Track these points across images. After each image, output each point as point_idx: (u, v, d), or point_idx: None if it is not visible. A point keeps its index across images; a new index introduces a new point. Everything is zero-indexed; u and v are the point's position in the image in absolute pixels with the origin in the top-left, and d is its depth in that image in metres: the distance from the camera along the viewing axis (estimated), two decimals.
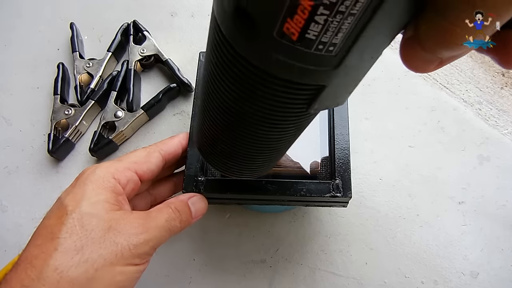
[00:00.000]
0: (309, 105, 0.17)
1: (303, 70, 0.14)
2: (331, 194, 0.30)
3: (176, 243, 0.39)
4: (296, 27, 0.12)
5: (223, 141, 0.22)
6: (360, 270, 0.38)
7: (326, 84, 0.15)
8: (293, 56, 0.14)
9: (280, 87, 0.16)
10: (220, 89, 0.18)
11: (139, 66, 0.47)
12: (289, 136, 0.21)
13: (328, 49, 0.13)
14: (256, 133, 0.19)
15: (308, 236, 0.39)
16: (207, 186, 0.31)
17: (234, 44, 0.15)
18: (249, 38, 0.14)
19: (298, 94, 0.16)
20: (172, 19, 0.51)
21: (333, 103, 0.18)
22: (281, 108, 0.17)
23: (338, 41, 0.13)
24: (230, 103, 0.18)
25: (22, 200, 0.42)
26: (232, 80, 0.17)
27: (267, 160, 0.24)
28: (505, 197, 0.40)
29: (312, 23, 0.12)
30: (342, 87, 0.17)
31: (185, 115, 0.46)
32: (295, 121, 0.19)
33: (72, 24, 0.49)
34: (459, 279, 0.37)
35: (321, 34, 0.12)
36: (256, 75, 0.15)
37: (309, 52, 0.13)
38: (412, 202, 0.40)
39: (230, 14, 0.14)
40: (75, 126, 0.43)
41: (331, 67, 0.14)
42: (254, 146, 0.21)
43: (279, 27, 0.13)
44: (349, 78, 0.16)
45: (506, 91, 0.46)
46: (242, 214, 0.40)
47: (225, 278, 0.38)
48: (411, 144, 0.43)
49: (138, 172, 0.29)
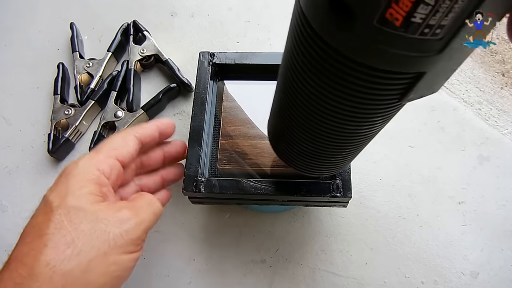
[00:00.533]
0: (404, 95, 0.16)
1: (404, 58, 0.13)
2: (331, 194, 0.30)
3: (176, 243, 0.39)
4: (402, 12, 0.11)
5: (306, 140, 0.21)
6: (360, 270, 0.38)
7: (427, 70, 0.14)
8: (394, 43, 0.12)
9: (376, 78, 0.14)
10: (308, 88, 0.17)
11: (139, 66, 0.47)
12: (375, 129, 0.20)
13: (435, 32, 0.12)
14: (343, 129, 0.18)
15: (308, 236, 0.39)
16: (207, 186, 0.31)
17: (326, 37, 0.14)
18: (345, 29, 0.13)
19: (395, 84, 0.15)
20: (172, 19, 0.51)
21: (428, 91, 0.16)
22: (373, 101, 0.16)
23: (447, 22, 0.12)
24: (319, 101, 0.17)
25: (22, 200, 0.42)
26: (324, 77, 0.16)
27: (347, 157, 0.23)
28: (505, 197, 0.40)
29: (421, 4, 0.11)
30: (443, 72, 0.15)
31: (185, 115, 0.46)
32: (384, 114, 0.17)
33: (72, 24, 0.49)
34: (459, 279, 0.37)
35: (429, 16, 0.11)
36: (352, 68, 0.14)
37: (412, 38, 0.12)
38: (412, 202, 0.40)
39: (324, 6, 0.13)
40: (75, 126, 0.43)
41: (435, 51, 0.13)
42: (337, 143, 0.20)
43: (381, 14, 0.12)
44: (452, 62, 0.15)
45: (506, 91, 0.46)
46: (242, 214, 0.40)
47: (225, 278, 0.38)
48: (411, 144, 0.43)
49: (119, 158, 0.29)
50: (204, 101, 0.35)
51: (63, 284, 0.22)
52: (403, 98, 0.16)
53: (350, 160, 0.26)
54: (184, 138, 0.44)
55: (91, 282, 0.23)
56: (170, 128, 0.33)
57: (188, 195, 0.32)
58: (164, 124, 0.33)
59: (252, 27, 0.50)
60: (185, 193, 0.32)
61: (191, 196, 0.32)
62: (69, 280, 0.22)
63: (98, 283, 0.23)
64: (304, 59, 0.16)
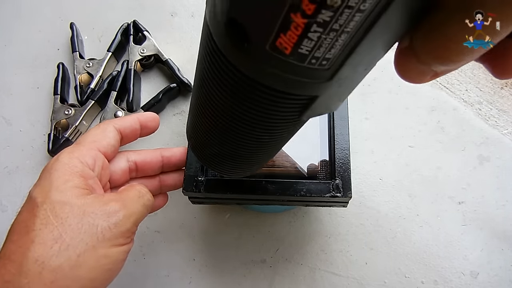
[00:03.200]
0: (302, 112, 0.17)
1: (296, 82, 0.14)
2: (331, 194, 0.30)
3: (176, 243, 0.39)
4: (289, 42, 0.12)
5: (214, 143, 0.22)
6: (360, 270, 0.38)
7: (319, 94, 0.15)
8: (285, 69, 0.13)
9: (272, 96, 0.15)
10: (212, 95, 0.18)
11: (139, 66, 0.47)
12: (281, 139, 0.21)
13: (321, 63, 0.13)
14: (247, 137, 0.19)
15: (308, 236, 0.39)
16: (207, 186, 0.31)
17: (226, 53, 0.15)
18: (241, 49, 0.14)
19: (291, 103, 0.16)
20: (172, 19, 0.51)
21: (326, 110, 0.18)
22: (273, 115, 0.17)
23: (331, 56, 0.13)
24: (222, 109, 0.18)
25: (22, 200, 0.42)
26: (224, 87, 0.16)
27: (258, 160, 0.24)
28: (505, 197, 0.40)
29: (305, 39, 0.12)
30: (335, 96, 0.17)
31: (185, 115, 0.46)
32: (287, 127, 0.19)
33: (72, 24, 0.49)
34: (459, 279, 0.37)
35: (314, 49, 0.12)
36: (248, 84, 0.15)
37: (302, 66, 0.13)
38: (412, 202, 0.40)
39: (223, 24, 0.14)
40: (75, 126, 0.43)
41: (324, 79, 0.14)
42: (245, 148, 0.21)
43: (271, 41, 0.13)
44: (342, 88, 0.16)
45: (506, 91, 0.46)
46: (242, 214, 0.40)
47: (225, 278, 0.38)
48: (411, 144, 0.43)
49: (100, 150, 0.28)
50: None
51: (52, 280, 0.22)
52: (301, 116, 0.17)
53: (264, 162, 0.26)
54: (184, 138, 0.44)
55: (81, 277, 0.23)
56: (153, 121, 0.32)
57: (188, 195, 0.32)
58: (145, 117, 0.32)
59: None
60: (185, 193, 0.32)
61: (191, 196, 0.32)
62: (59, 275, 0.22)
63: (89, 278, 0.23)
64: (209, 68, 0.17)
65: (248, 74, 0.15)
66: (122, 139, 0.31)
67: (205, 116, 0.20)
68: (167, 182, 0.34)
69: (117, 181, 0.31)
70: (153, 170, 0.33)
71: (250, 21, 0.13)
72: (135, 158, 0.32)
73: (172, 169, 0.34)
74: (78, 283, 0.23)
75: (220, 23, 0.14)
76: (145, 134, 0.33)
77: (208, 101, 0.19)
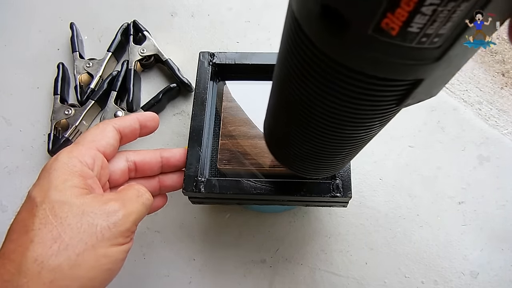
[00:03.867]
0: (401, 100, 0.15)
1: (400, 66, 0.13)
2: (331, 194, 0.30)
3: (176, 243, 0.39)
4: (398, 21, 0.11)
5: (302, 143, 0.21)
6: (360, 270, 0.38)
7: (424, 77, 0.14)
8: (390, 52, 0.12)
9: (372, 85, 0.14)
10: (303, 93, 0.17)
11: (139, 66, 0.47)
12: (372, 133, 0.19)
13: (433, 41, 0.12)
14: (340, 133, 0.18)
15: (308, 236, 0.39)
16: (207, 186, 0.31)
17: (319, 44, 0.14)
18: (338, 37, 0.12)
19: (391, 91, 0.15)
20: (172, 19, 0.51)
21: (426, 96, 0.16)
22: (370, 106, 0.16)
23: (445, 31, 0.11)
24: (314, 106, 0.17)
25: (22, 200, 0.42)
26: (318, 83, 0.15)
27: (345, 159, 0.23)
28: (505, 197, 0.40)
29: (418, 15, 0.11)
30: (440, 78, 0.15)
31: (185, 115, 0.46)
32: (382, 118, 0.17)
33: (72, 24, 0.49)
34: (459, 279, 0.37)
35: (427, 26, 0.11)
36: (346, 75, 0.14)
37: (409, 46, 0.12)
38: (412, 202, 0.40)
39: (317, 13, 0.12)
40: (75, 126, 0.43)
41: (432, 59, 0.13)
42: (334, 146, 0.20)
43: (376, 23, 0.11)
44: (450, 68, 0.14)
45: (506, 91, 0.46)
46: (242, 214, 0.40)
47: (225, 278, 0.38)
48: (411, 144, 0.43)
49: (99, 149, 0.28)
50: (204, 101, 0.35)
51: (51, 279, 0.22)
52: (400, 103, 0.16)
53: (348, 161, 0.26)
54: (184, 138, 0.44)
55: (81, 276, 0.23)
56: (153, 121, 0.32)
57: (188, 195, 0.32)
58: (145, 116, 0.32)
59: (252, 27, 0.50)
60: (185, 193, 0.32)
61: (191, 196, 0.32)
62: (58, 275, 0.22)
63: (88, 277, 0.23)
64: (298, 64, 0.16)
65: (347, 64, 0.13)
66: (122, 139, 0.31)
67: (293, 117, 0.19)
68: (166, 183, 0.34)
69: (116, 181, 0.31)
70: (152, 170, 0.33)
71: (349, 5, 0.11)
72: (135, 158, 0.32)
73: (172, 170, 0.34)
74: (78, 283, 0.23)
75: (312, 11, 0.13)
76: (145, 134, 0.33)
77: (298, 101, 0.17)
